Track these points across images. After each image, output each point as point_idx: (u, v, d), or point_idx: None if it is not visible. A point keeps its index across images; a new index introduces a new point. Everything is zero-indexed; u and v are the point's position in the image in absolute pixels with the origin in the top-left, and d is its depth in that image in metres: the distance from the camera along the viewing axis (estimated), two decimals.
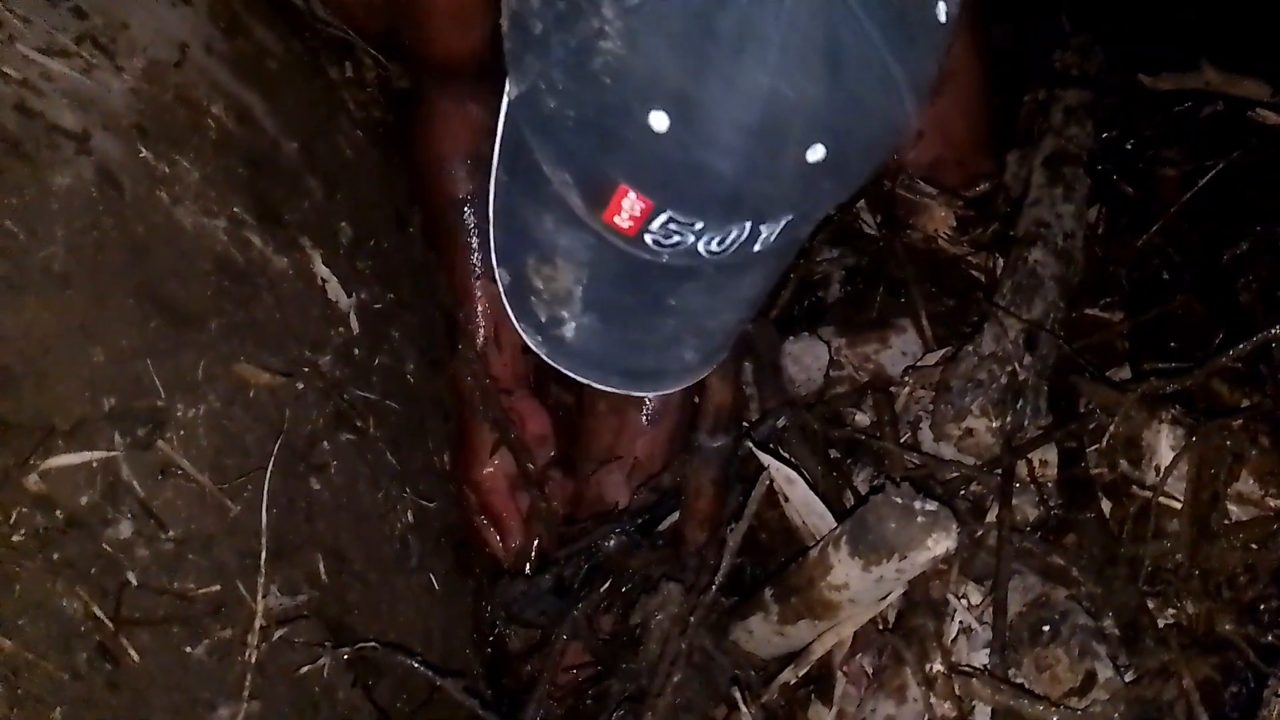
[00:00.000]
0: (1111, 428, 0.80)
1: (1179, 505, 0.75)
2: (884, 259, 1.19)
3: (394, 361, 1.04)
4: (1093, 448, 0.84)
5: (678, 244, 0.58)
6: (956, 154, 1.22)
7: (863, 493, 0.96)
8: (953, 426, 0.89)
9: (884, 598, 0.77)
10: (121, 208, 0.77)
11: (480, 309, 1.04)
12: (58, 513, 0.63)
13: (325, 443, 0.87)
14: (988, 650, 0.73)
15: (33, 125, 0.75)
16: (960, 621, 0.77)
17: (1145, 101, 1.27)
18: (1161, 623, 0.71)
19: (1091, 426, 0.84)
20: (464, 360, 1.03)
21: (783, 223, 0.57)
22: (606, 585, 0.90)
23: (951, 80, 1.16)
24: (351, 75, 1.23)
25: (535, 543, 1.01)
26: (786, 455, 0.99)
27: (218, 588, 0.71)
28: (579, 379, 0.69)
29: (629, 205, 0.57)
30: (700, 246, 0.58)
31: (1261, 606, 0.66)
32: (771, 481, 0.89)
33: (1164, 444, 0.77)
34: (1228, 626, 0.66)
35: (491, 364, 1.03)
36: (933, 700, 0.70)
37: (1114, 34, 1.34)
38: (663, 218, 0.56)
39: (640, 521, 0.93)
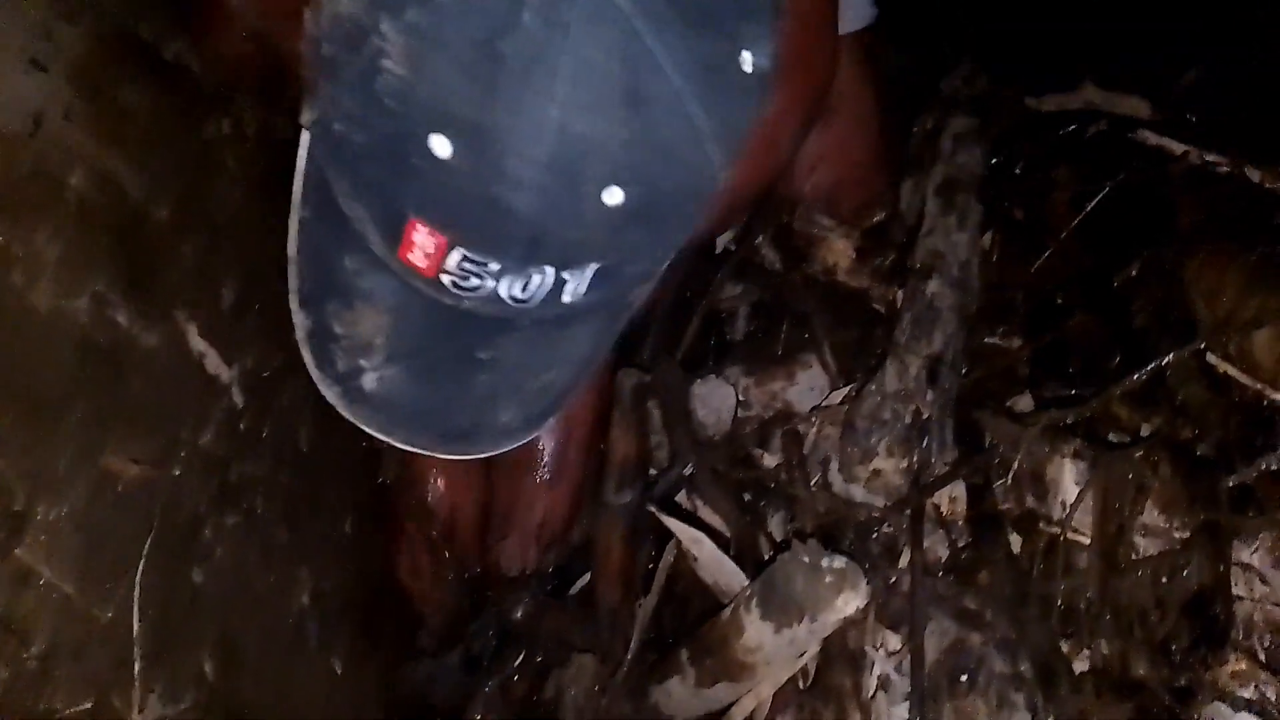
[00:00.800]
0: (1015, 463, 0.79)
1: (1087, 540, 0.75)
2: (787, 293, 1.18)
3: (283, 430, 0.99)
4: (999, 483, 0.84)
5: (477, 288, 0.55)
6: (858, 173, 1.22)
7: (776, 538, 0.94)
8: (860, 468, 0.88)
9: (800, 655, 0.75)
10: None
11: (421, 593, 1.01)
12: None
13: (208, 528, 0.82)
14: (908, 703, 0.72)
15: None
16: (879, 674, 0.75)
17: (1033, 124, 1.28)
18: (1078, 665, 0.70)
19: (997, 461, 0.84)
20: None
21: (589, 273, 0.55)
22: (519, 656, 0.86)
23: (844, 109, 1.16)
24: (230, 131, 1.18)
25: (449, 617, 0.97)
26: (696, 504, 0.97)
27: (89, 704, 0.66)
28: (383, 438, 0.64)
29: (421, 241, 0.54)
30: (502, 292, 0.55)
31: (1173, 646, 0.66)
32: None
33: (1068, 478, 0.77)
34: (1141, 670, 0.65)
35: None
36: None
37: (1001, 57, 1.36)
38: (457, 256, 0.54)
39: (550, 585, 0.90)
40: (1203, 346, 0.79)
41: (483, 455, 0.66)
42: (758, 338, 1.18)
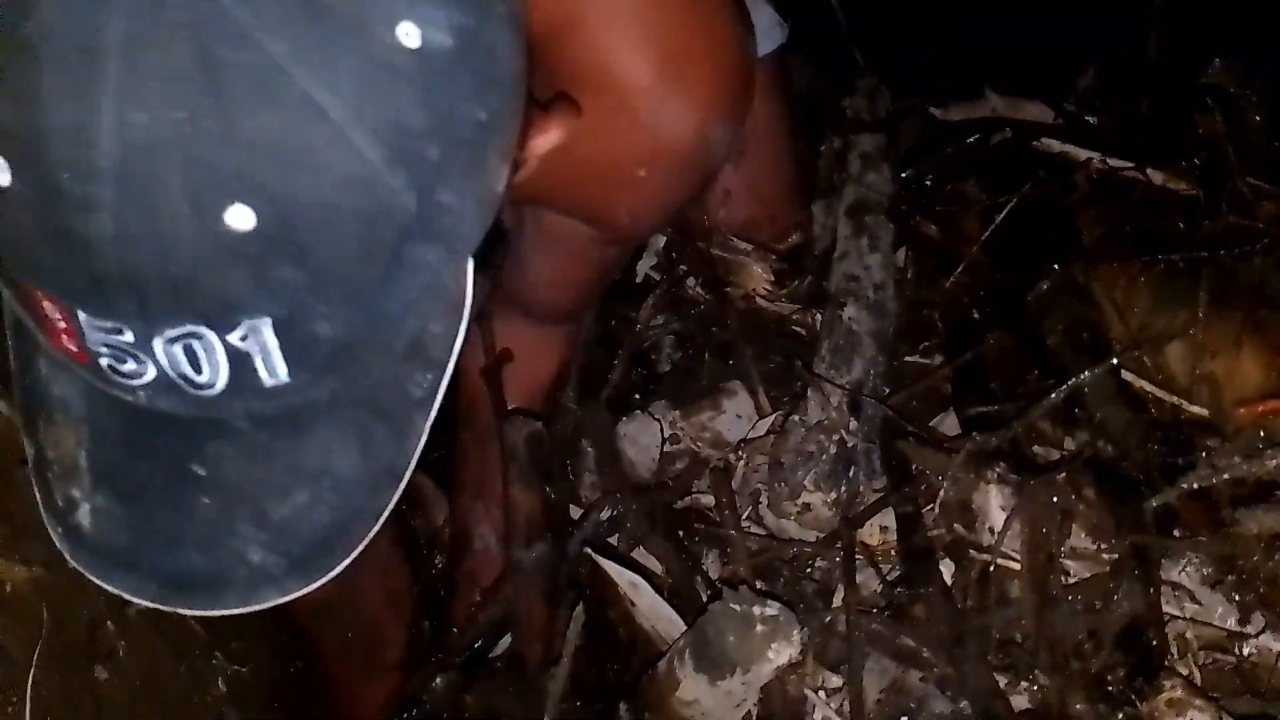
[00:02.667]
0: (941, 493, 0.78)
1: (1018, 566, 0.74)
2: (710, 322, 1.17)
3: None
4: (928, 508, 0.83)
5: (138, 373, 0.44)
6: (768, 210, 1.21)
7: (713, 577, 0.93)
8: (789, 504, 0.87)
9: (738, 706, 0.73)
10: None
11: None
12: None
13: (110, 623, 0.77)
14: None
15: None
16: (821, 718, 0.74)
17: (940, 136, 1.29)
18: (1017, 700, 0.69)
19: (924, 488, 0.83)
20: None
21: (265, 334, 0.43)
22: None
23: (755, 139, 1.16)
24: None
25: None
26: (631, 547, 0.95)
27: None
28: (111, 590, 0.51)
29: (51, 314, 0.44)
30: (171, 372, 0.44)
31: (1109, 677, 0.65)
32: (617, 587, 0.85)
33: (994, 504, 0.77)
34: (1079, 706, 0.65)
35: None
36: None
37: (903, 68, 1.36)
38: (84, 322, 0.43)
39: (469, 654, 0.87)
40: (1116, 364, 0.79)
41: (242, 610, 0.51)
42: (683, 369, 1.17)
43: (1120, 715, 0.63)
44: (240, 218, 0.40)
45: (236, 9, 0.39)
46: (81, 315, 0.43)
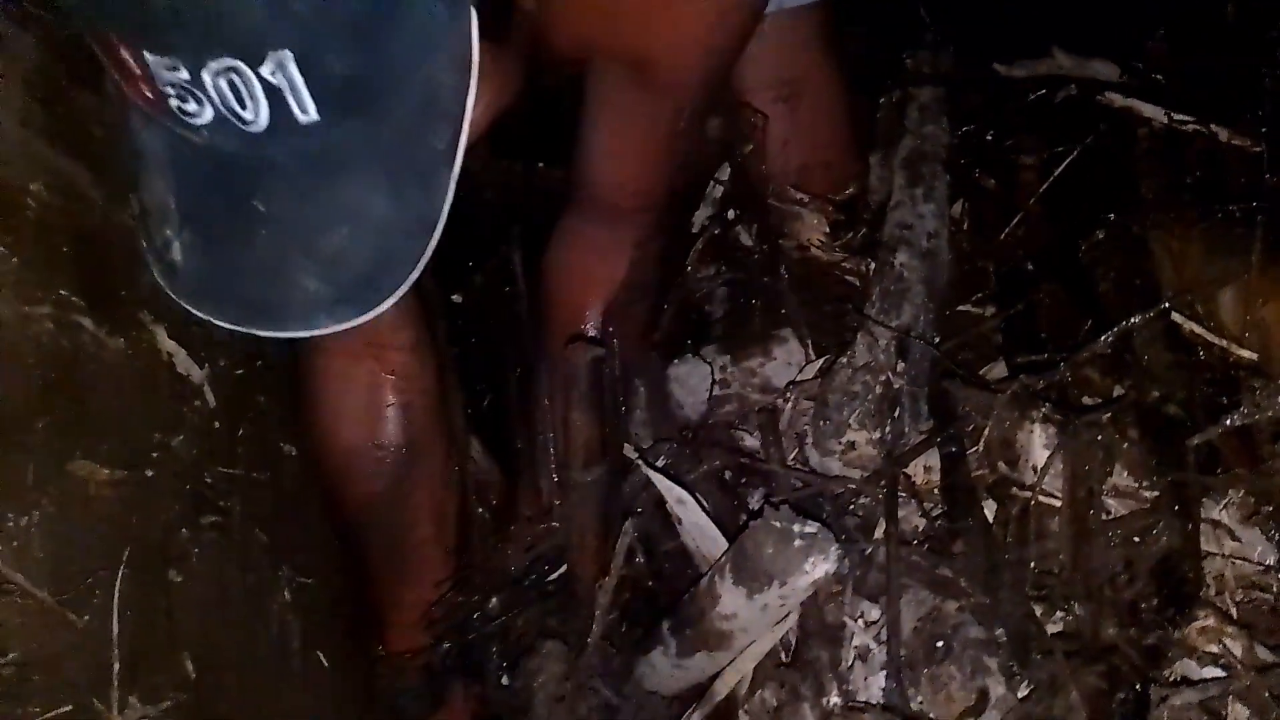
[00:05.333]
0: (987, 431, 0.79)
1: (1059, 504, 0.75)
2: (762, 271, 1.18)
3: (260, 430, 0.99)
4: (972, 450, 0.84)
5: (197, 114, 0.53)
6: (822, 157, 1.22)
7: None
8: (834, 442, 0.88)
9: (776, 624, 0.75)
10: None
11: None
12: None
13: (183, 530, 0.82)
14: (885, 672, 0.72)
15: None
16: (857, 645, 0.76)
17: (1002, 91, 1.28)
18: (1051, 628, 0.70)
19: (970, 429, 0.84)
20: None
21: (291, 70, 0.51)
22: (494, 651, 0.87)
23: (809, 88, 1.17)
24: None
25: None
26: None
27: (69, 708, 0.66)
28: (200, 315, 0.63)
29: (127, 58, 0.52)
30: (223, 109, 0.52)
31: (1142, 606, 0.66)
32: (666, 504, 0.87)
33: (1037, 443, 0.78)
34: (1111, 630, 0.66)
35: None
36: None
37: (967, 26, 1.35)
38: (150, 62, 0.51)
39: (529, 579, 0.90)
40: (1168, 308, 0.80)
41: (304, 333, 0.63)
42: (735, 316, 1.19)
43: (1151, 638, 0.64)
44: None
45: None
46: (148, 55, 0.51)
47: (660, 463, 0.98)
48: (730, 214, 1.22)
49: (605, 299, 1.03)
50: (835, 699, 0.70)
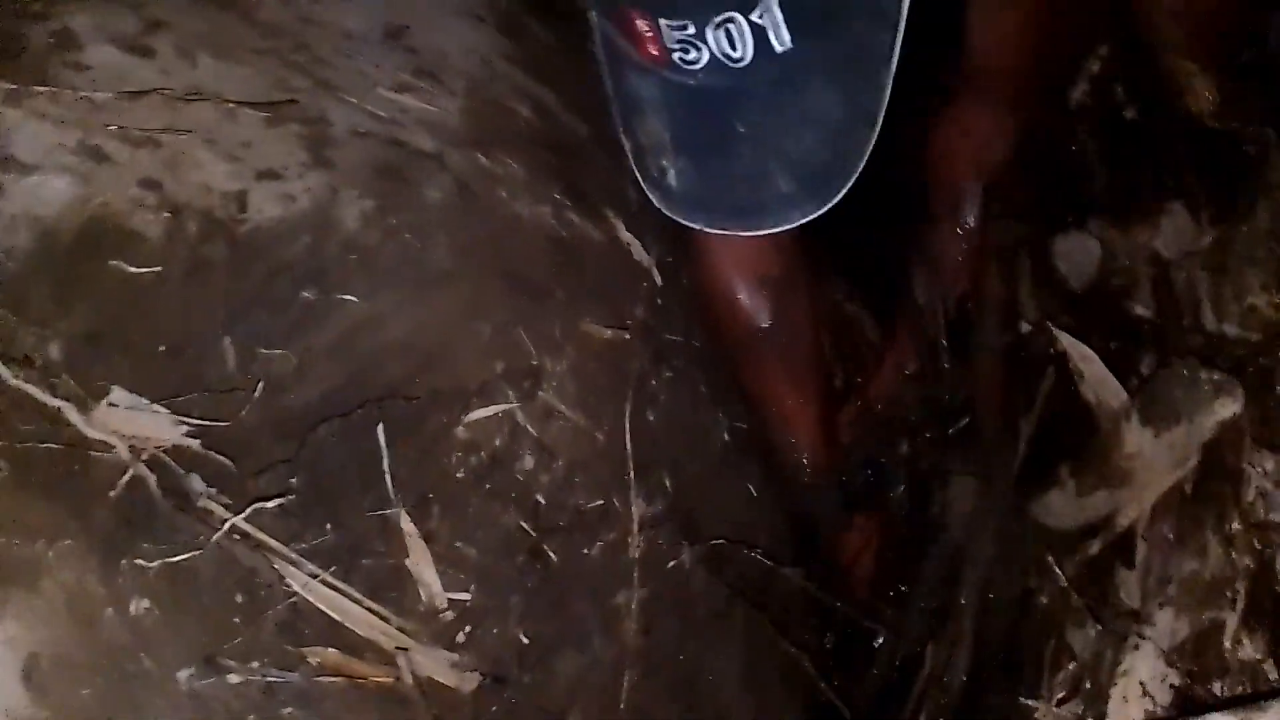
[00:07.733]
0: None
1: None
2: (1148, 140, 1.19)
3: (688, 303, 1.18)
4: None
5: (696, 60, 0.63)
6: (1215, 25, 1.19)
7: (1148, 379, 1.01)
8: (1234, 305, 0.92)
9: (1178, 465, 0.83)
10: (478, 209, 0.95)
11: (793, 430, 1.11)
12: (482, 453, 0.81)
13: (653, 379, 1.02)
14: None
15: (403, 153, 0.94)
16: (1257, 486, 0.82)
17: None
18: None
19: None
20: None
21: (776, 12, 0.60)
22: (901, 487, 1.01)
23: None
24: None
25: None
26: None
27: (601, 501, 0.88)
28: (693, 225, 0.73)
29: (642, 29, 0.63)
30: (717, 53, 0.62)
31: None
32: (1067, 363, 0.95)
33: None
34: None
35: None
36: (1233, 555, 0.76)
37: None
38: (666, 29, 0.62)
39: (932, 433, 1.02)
40: None
41: (781, 229, 0.71)
42: (1118, 187, 1.21)
43: None
44: None
45: None
46: (662, 22, 0.63)
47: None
48: (1115, 87, 1.23)
49: (987, 180, 1.12)
50: (1237, 524, 0.77)
